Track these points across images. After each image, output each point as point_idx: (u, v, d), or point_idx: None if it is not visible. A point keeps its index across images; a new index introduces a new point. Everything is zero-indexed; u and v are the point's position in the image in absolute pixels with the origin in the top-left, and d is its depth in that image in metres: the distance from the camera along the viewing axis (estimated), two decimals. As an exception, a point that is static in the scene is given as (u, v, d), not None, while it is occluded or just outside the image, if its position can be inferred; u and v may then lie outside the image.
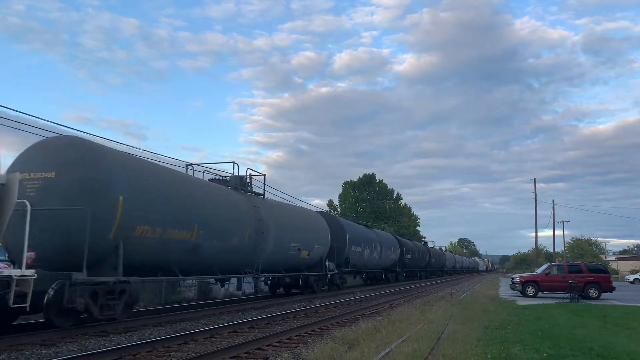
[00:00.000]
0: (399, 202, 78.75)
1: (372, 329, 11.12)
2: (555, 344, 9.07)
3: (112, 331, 10.48)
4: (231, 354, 8.19)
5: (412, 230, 73.25)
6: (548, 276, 25.55)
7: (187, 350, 8.65)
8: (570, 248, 77.25)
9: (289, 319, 13.61)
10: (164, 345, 8.87)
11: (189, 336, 9.72)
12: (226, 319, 13.24)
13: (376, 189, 75.69)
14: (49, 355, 7.99)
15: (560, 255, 68.27)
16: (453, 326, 11.76)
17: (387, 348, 8.45)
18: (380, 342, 9.15)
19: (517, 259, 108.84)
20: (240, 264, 16.31)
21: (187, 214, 12.75)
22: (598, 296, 23.88)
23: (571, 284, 22.24)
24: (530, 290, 25.26)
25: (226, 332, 10.76)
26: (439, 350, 8.38)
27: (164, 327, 11.50)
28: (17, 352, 8.02)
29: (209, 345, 9.24)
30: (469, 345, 8.81)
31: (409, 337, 9.77)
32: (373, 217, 67.52)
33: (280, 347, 9.27)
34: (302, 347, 9.18)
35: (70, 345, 8.92)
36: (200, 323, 12.25)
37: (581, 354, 8.21)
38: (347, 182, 76.41)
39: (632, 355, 8.21)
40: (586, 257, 65.92)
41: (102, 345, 8.96)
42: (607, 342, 9.53)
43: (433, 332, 10.64)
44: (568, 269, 25.38)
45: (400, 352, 8.01)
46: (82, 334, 9.95)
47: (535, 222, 54.09)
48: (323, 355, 7.90)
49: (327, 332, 11.24)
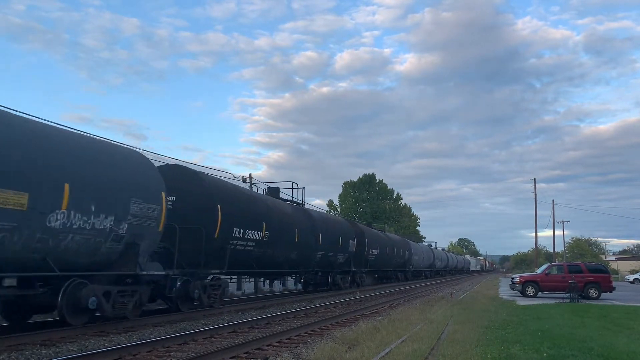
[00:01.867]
0: (399, 202, 78.85)
1: (372, 329, 11.13)
2: (555, 344, 9.07)
3: (112, 331, 10.48)
4: (231, 354, 8.18)
5: (412, 231, 73.30)
6: (548, 276, 25.56)
7: (187, 350, 8.65)
8: (570, 248, 77.33)
9: (288, 319, 13.61)
10: (164, 345, 8.86)
11: (189, 336, 9.72)
12: (226, 319, 13.24)
13: (376, 189, 75.80)
14: (49, 355, 7.98)
15: (560, 255, 68.29)
16: (453, 326, 11.77)
17: (387, 348, 8.45)
18: (380, 342, 9.15)
19: (517, 259, 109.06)
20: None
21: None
22: (598, 296, 23.89)
23: (571, 284, 22.23)
24: (530, 290, 25.27)
25: (226, 332, 10.75)
26: (438, 351, 8.38)
27: (164, 327, 11.50)
28: (17, 352, 8.02)
29: (208, 345, 9.24)
30: (469, 345, 8.81)
31: (409, 337, 9.77)
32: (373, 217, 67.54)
33: (280, 347, 9.27)
34: (302, 347, 9.18)
35: (70, 345, 8.91)
36: (200, 323, 12.25)
37: (581, 354, 8.21)
38: (347, 182, 76.54)
39: (632, 355, 8.20)
40: (586, 257, 65.94)
41: (101, 345, 8.96)
42: (607, 342, 9.53)
43: (433, 332, 10.65)
44: (568, 269, 25.39)
45: (400, 352, 8.01)
46: (82, 334, 9.95)
47: (535, 222, 54.18)
48: (323, 355, 7.90)
49: (327, 332, 11.24)
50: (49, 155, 9.02)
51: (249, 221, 16.02)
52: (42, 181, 8.67)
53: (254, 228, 16.19)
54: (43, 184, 8.66)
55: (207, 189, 14.63)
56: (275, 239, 17.64)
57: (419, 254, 48.25)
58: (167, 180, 12.62)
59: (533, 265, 55.43)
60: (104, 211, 9.87)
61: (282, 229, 18.43)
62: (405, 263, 42.35)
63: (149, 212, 11.12)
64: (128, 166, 11.20)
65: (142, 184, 11.24)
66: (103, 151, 10.80)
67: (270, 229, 17.08)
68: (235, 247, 15.30)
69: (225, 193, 15.52)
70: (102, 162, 10.34)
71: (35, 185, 8.50)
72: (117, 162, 10.87)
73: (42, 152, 8.90)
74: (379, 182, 76.78)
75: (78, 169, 9.51)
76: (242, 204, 16.17)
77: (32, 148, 8.72)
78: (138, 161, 11.83)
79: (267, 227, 16.92)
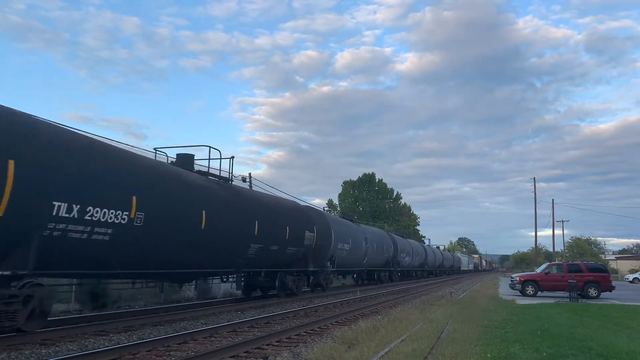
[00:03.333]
0: (399, 202, 78.87)
1: (371, 328, 11.12)
2: (554, 343, 9.07)
3: (112, 330, 10.49)
4: (231, 353, 8.19)
5: (411, 230, 73.32)
6: (548, 275, 25.57)
7: (187, 350, 8.65)
8: (570, 247, 77.34)
9: (288, 318, 13.61)
10: (164, 344, 8.86)
11: (189, 335, 9.72)
12: (226, 318, 13.24)
13: (376, 189, 75.80)
14: (49, 354, 7.98)
15: (559, 255, 68.30)
16: (452, 325, 11.77)
17: (386, 347, 8.45)
18: (380, 342, 9.15)
19: (516, 259, 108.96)
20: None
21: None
22: (597, 295, 23.89)
23: (571, 284, 22.25)
24: (529, 289, 25.27)
25: (226, 331, 10.75)
26: (438, 350, 8.38)
27: (163, 326, 11.51)
28: (16, 352, 8.02)
29: (208, 344, 9.24)
30: (469, 344, 8.81)
31: (409, 337, 9.77)
32: (373, 216, 67.57)
33: (280, 346, 9.27)
34: (302, 346, 9.18)
35: (69, 344, 8.92)
36: (199, 322, 12.26)
37: (581, 353, 8.21)
38: (346, 181, 76.52)
39: (632, 354, 8.20)
40: (586, 257, 65.96)
41: (101, 344, 8.96)
42: (607, 341, 9.53)
43: (433, 331, 10.65)
44: (568, 269, 25.38)
45: (400, 352, 8.01)
46: (82, 333, 9.97)
47: (535, 221, 54.19)
48: (323, 355, 7.90)
49: (326, 331, 11.24)
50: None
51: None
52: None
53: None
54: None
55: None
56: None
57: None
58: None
59: (533, 265, 55.43)
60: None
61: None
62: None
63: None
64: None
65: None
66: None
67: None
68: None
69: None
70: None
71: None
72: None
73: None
74: (378, 182, 76.79)
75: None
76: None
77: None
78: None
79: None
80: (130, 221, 10.57)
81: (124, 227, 10.45)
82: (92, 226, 9.67)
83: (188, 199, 12.91)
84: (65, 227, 9.16)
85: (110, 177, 10.32)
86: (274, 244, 17.48)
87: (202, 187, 13.94)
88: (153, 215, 11.25)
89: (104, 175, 10.15)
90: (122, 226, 10.39)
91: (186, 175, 13.62)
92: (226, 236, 14.52)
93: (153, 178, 11.97)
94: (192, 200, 13.05)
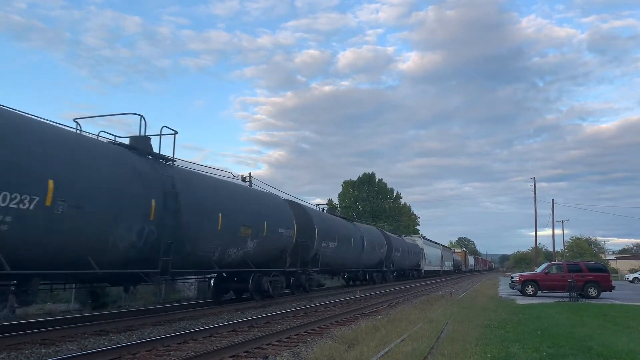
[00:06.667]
0: (399, 202, 78.93)
1: (371, 328, 11.13)
2: (554, 343, 9.07)
3: (112, 330, 10.49)
4: (230, 353, 8.19)
5: (411, 230, 73.30)
6: (547, 275, 25.56)
7: (187, 350, 8.64)
8: (570, 247, 77.38)
9: (288, 318, 13.61)
10: (164, 344, 8.86)
11: (189, 335, 9.72)
12: (225, 318, 13.24)
13: (376, 188, 75.87)
14: (49, 354, 7.98)
15: (559, 255, 68.31)
16: (452, 325, 11.77)
17: (386, 347, 8.45)
18: (380, 341, 9.16)
19: (516, 258, 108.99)
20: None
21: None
22: (597, 295, 23.90)
23: (571, 283, 22.24)
24: (529, 289, 25.27)
25: (225, 331, 10.75)
26: (438, 350, 8.38)
27: (163, 326, 11.51)
28: (16, 352, 8.02)
29: (208, 344, 9.24)
30: (469, 344, 8.81)
31: (409, 336, 9.77)
32: (372, 216, 67.58)
33: (280, 346, 9.27)
34: (302, 346, 9.18)
35: (69, 344, 8.92)
36: (199, 322, 12.26)
37: (580, 353, 8.21)
38: (346, 181, 76.63)
39: (632, 354, 8.20)
40: (586, 256, 65.98)
41: (101, 344, 8.96)
42: (607, 341, 9.53)
43: (432, 331, 10.65)
44: (567, 268, 25.36)
45: (400, 351, 8.01)
46: (82, 333, 9.97)
47: (535, 221, 54.19)
48: (323, 355, 7.90)
49: (326, 331, 11.24)
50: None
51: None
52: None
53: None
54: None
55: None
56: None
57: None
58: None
59: (533, 264, 55.43)
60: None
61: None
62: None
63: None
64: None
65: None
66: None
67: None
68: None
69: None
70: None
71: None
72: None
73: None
74: (378, 181, 76.87)
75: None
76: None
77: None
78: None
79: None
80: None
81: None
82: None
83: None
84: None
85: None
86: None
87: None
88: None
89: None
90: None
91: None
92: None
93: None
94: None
